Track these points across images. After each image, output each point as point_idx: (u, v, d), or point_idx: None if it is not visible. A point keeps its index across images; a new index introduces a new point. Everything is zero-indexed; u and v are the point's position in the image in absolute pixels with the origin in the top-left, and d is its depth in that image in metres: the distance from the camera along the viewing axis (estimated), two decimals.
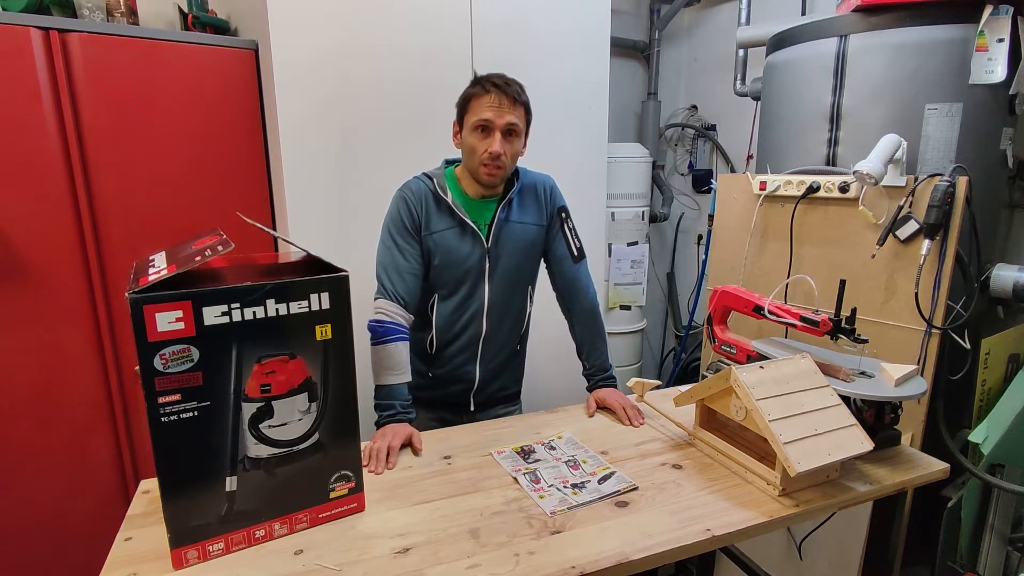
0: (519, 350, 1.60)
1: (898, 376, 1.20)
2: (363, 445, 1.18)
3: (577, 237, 1.53)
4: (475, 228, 1.42)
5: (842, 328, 1.22)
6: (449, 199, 1.40)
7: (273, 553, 0.94)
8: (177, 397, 0.85)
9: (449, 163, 1.50)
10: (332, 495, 1.01)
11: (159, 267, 0.88)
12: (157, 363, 0.83)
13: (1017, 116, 1.58)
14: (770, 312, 1.33)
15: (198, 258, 0.86)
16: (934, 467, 1.20)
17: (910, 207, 1.51)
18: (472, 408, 1.56)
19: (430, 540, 0.96)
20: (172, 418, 0.85)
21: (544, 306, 1.61)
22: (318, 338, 0.94)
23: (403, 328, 1.36)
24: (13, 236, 1.62)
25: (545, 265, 1.56)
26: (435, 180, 1.42)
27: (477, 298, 1.46)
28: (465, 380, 1.53)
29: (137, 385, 0.84)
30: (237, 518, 0.93)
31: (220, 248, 0.88)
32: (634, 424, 1.40)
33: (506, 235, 1.45)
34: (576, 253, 1.52)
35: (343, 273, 0.95)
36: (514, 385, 1.64)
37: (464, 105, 1.36)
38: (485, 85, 1.32)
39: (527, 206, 1.48)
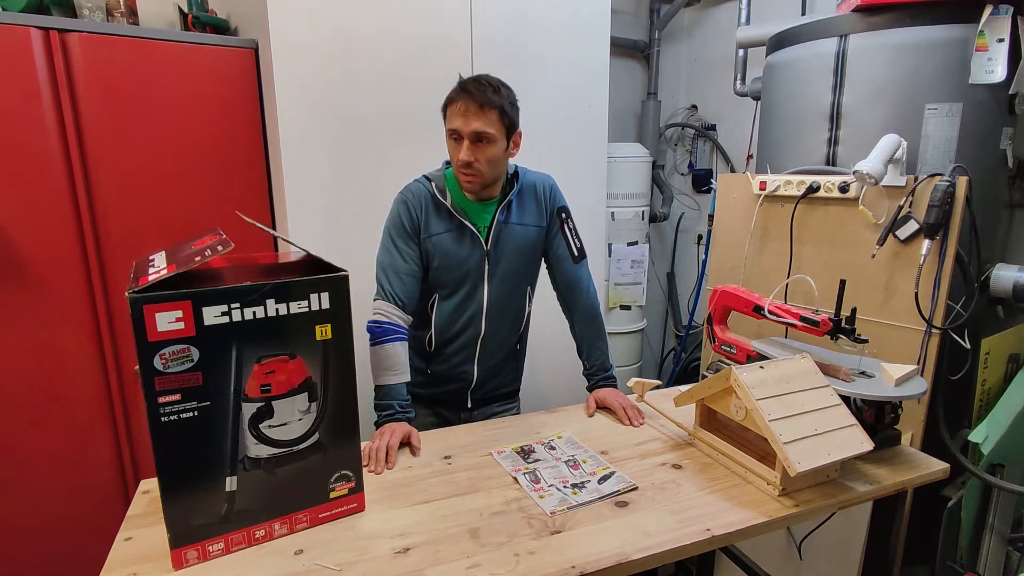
0: (518, 350, 1.60)
1: (898, 376, 1.20)
2: (363, 445, 1.18)
3: (577, 237, 1.53)
4: (474, 230, 1.42)
5: (842, 328, 1.22)
6: (448, 202, 1.41)
7: (273, 553, 0.93)
8: (177, 397, 0.85)
9: (449, 164, 1.50)
10: (332, 495, 1.01)
11: (159, 267, 0.88)
12: (157, 363, 0.83)
13: (1017, 116, 1.58)
14: (770, 312, 1.33)
15: (198, 258, 0.86)
16: (934, 467, 1.20)
17: (910, 207, 1.51)
18: (470, 405, 1.56)
19: (430, 540, 0.96)
20: (172, 418, 0.85)
21: (545, 306, 1.61)
22: (318, 338, 0.94)
23: (401, 329, 1.36)
24: (13, 236, 1.62)
25: (546, 265, 1.56)
26: (434, 183, 1.42)
27: (476, 299, 1.47)
28: (463, 379, 1.53)
29: (137, 385, 0.84)
30: (237, 518, 0.93)
31: (220, 248, 0.88)
32: (634, 424, 1.40)
33: (505, 237, 1.45)
34: (576, 253, 1.52)
35: (343, 273, 0.95)
36: (512, 384, 1.64)
37: (444, 112, 1.36)
38: (458, 90, 1.32)
39: (526, 207, 1.48)
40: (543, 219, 1.50)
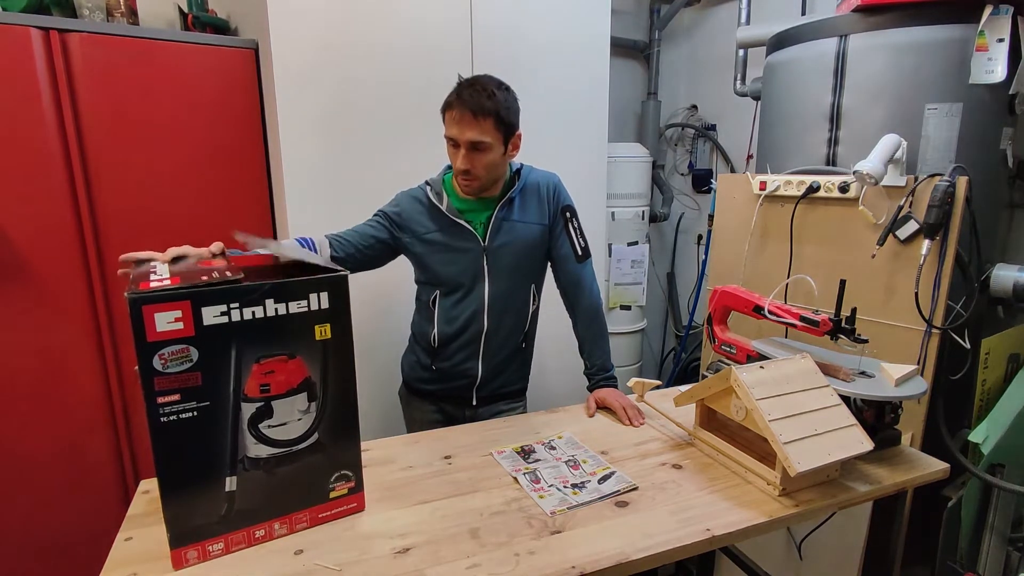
0: (524, 347, 1.60)
1: (898, 376, 1.20)
2: (363, 444, 1.18)
3: (582, 236, 1.54)
4: (469, 227, 1.43)
5: (842, 328, 1.22)
6: (444, 205, 1.43)
7: (273, 553, 0.93)
8: (176, 397, 0.85)
9: (450, 168, 1.51)
10: (332, 495, 1.01)
11: (161, 276, 0.88)
12: (156, 363, 0.83)
13: (1017, 116, 1.58)
14: (770, 312, 1.33)
15: (204, 277, 0.87)
16: (934, 467, 1.20)
17: (910, 207, 1.51)
18: (475, 403, 1.57)
19: (430, 540, 0.96)
20: (171, 418, 0.85)
21: (551, 305, 1.61)
22: (317, 338, 0.94)
23: (308, 241, 1.37)
24: (13, 236, 1.62)
25: (550, 264, 1.57)
26: (432, 187, 1.46)
27: (477, 295, 1.47)
28: (468, 375, 1.54)
29: (137, 385, 0.84)
30: (237, 518, 0.93)
31: (229, 274, 0.88)
32: (634, 424, 1.40)
33: (505, 233, 1.46)
34: (580, 252, 1.53)
35: (342, 273, 0.95)
36: (518, 382, 1.64)
37: (442, 115, 1.37)
38: (455, 97, 1.32)
39: (528, 205, 1.48)
40: (546, 217, 1.50)
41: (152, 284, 0.83)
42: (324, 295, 0.93)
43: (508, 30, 1.96)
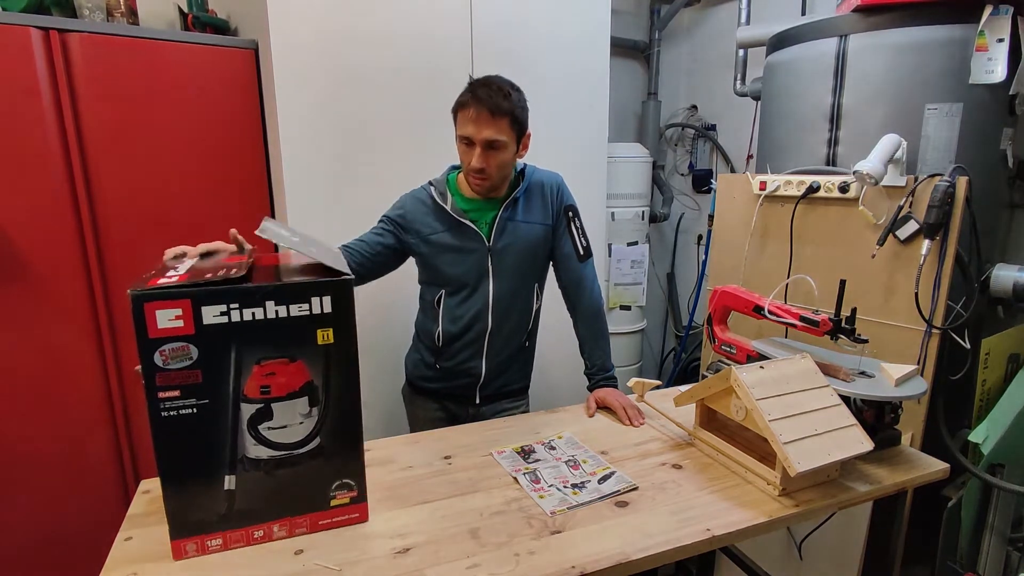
0: (527, 346, 1.61)
1: (898, 376, 1.20)
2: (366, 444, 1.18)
3: (584, 236, 1.54)
4: (475, 228, 1.44)
5: (842, 328, 1.22)
6: (448, 205, 1.44)
7: (273, 552, 0.94)
8: (176, 393, 0.85)
9: (454, 168, 1.52)
10: (333, 503, 1.00)
11: (177, 273, 0.89)
12: (157, 359, 0.83)
13: (1017, 116, 1.58)
14: (770, 312, 1.33)
15: (209, 275, 0.87)
16: (934, 467, 1.20)
17: (910, 207, 1.51)
18: (478, 401, 1.57)
19: (430, 540, 0.96)
20: (172, 413, 0.86)
21: (553, 305, 1.62)
22: (320, 342, 0.93)
23: None
24: (14, 236, 1.62)
25: (552, 263, 1.57)
26: (436, 187, 1.47)
27: (481, 295, 1.48)
28: (471, 374, 1.54)
29: (137, 385, 0.84)
30: (237, 517, 0.93)
31: (234, 272, 0.89)
32: (634, 424, 1.40)
33: (509, 233, 1.46)
34: (582, 252, 1.53)
35: (346, 276, 0.94)
36: (521, 380, 1.64)
37: (454, 115, 1.37)
38: (469, 96, 1.32)
39: (532, 205, 1.49)
40: (549, 217, 1.51)
41: (161, 281, 0.84)
42: (327, 299, 0.92)
43: (508, 30, 1.96)
